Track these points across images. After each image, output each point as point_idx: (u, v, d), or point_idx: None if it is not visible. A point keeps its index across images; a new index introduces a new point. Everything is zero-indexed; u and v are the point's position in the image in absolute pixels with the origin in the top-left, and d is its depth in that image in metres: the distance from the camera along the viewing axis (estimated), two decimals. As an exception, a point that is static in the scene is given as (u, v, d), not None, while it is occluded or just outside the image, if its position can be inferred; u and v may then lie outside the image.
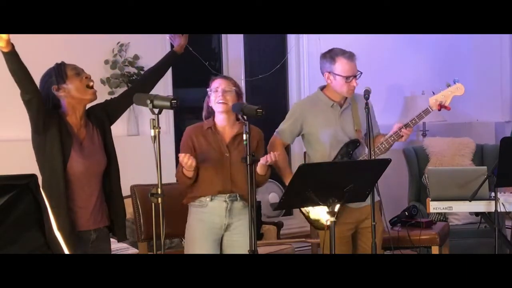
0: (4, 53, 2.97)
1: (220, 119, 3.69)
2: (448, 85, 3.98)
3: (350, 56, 3.91)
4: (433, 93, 4.00)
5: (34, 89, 3.07)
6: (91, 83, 3.26)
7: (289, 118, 4.07)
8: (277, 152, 3.62)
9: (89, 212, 3.23)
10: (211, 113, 3.72)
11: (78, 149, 3.20)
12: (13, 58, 2.98)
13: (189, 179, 3.59)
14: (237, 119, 3.72)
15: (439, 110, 3.99)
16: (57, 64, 3.24)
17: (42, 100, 3.12)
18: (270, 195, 5.70)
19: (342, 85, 3.92)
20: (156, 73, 3.63)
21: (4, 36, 2.90)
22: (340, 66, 3.89)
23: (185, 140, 3.69)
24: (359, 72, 3.92)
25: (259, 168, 3.57)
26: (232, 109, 3.62)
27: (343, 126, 3.97)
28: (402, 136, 3.94)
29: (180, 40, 3.72)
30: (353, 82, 3.90)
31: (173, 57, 3.72)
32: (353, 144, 3.95)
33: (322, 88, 4.03)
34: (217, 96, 3.63)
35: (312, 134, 4.01)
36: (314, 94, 4.10)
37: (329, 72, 3.93)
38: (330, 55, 3.93)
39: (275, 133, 4.07)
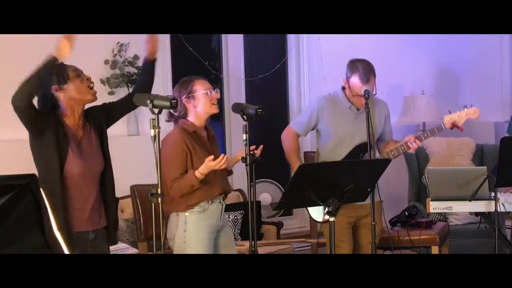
0: (54, 57, 3.05)
1: (201, 121, 3.60)
2: (465, 107, 4.02)
3: (366, 78, 3.96)
4: (449, 112, 4.04)
5: (27, 99, 3.05)
6: (91, 85, 3.25)
7: (306, 111, 4.23)
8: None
9: (87, 213, 3.21)
10: (182, 116, 3.61)
11: (76, 150, 3.19)
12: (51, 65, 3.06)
13: (200, 183, 3.46)
14: None
15: (451, 128, 4.05)
16: (57, 64, 3.23)
17: (33, 106, 3.10)
18: (261, 195, 5.68)
19: (351, 96, 4.04)
20: (145, 82, 3.53)
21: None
22: (353, 82, 4.01)
23: (179, 146, 3.50)
24: (368, 95, 3.92)
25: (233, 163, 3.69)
26: (232, 109, 3.62)
27: (357, 128, 4.02)
28: (410, 147, 4.01)
29: (149, 47, 3.53)
30: (361, 99, 3.97)
31: (150, 66, 3.54)
32: (365, 147, 3.99)
33: (344, 88, 4.12)
34: (213, 99, 3.57)
35: (325, 130, 4.10)
36: (335, 92, 4.18)
37: (347, 79, 4.05)
38: (351, 67, 4.03)
39: (290, 124, 4.24)
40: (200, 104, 3.56)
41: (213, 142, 3.70)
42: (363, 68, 3.97)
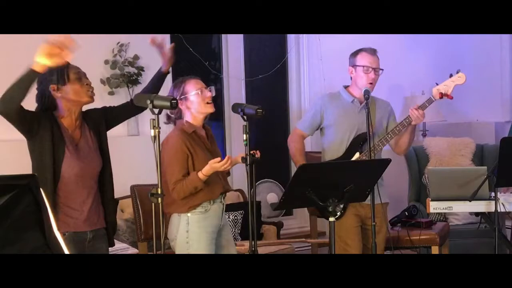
0: (34, 71, 2.92)
1: (198, 121, 3.60)
2: (451, 75, 4.05)
3: (372, 50, 4.14)
4: (437, 84, 4.06)
5: (10, 104, 2.96)
6: (90, 90, 3.23)
7: (310, 110, 4.32)
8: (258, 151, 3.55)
9: (85, 214, 3.21)
10: (178, 117, 3.63)
11: (74, 151, 3.18)
12: (33, 80, 2.94)
13: (202, 184, 3.47)
14: None
15: (441, 98, 4.07)
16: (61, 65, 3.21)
17: (19, 110, 3.00)
18: (269, 195, 5.69)
19: (361, 76, 4.09)
20: (151, 91, 3.49)
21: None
22: (361, 57, 4.11)
23: (180, 149, 3.50)
24: (380, 69, 4.10)
25: None
26: (232, 109, 3.62)
27: (360, 121, 4.06)
28: (411, 123, 4.03)
29: (165, 62, 3.52)
30: (371, 73, 4.06)
31: (162, 77, 3.57)
32: (363, 137, 4.06)
33: (346, 87, 4.22)
34: (205, 98, 3.56)
35: (330, 126, 4.15)
36: (337, 91, 4.27)
37: (352, 66, 4.14)
38: (356, 51, 4.17)
39: (296, 125, 4.32)
40: (193, 105, 3.57)
41: (212, 141, 3.70)
42: (365, 47, 4.15)
